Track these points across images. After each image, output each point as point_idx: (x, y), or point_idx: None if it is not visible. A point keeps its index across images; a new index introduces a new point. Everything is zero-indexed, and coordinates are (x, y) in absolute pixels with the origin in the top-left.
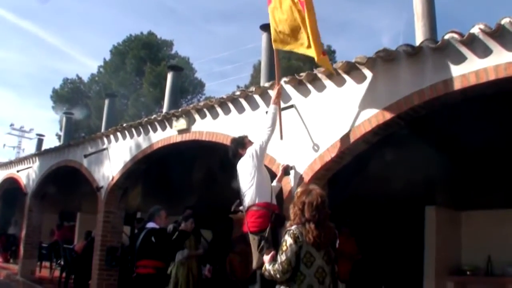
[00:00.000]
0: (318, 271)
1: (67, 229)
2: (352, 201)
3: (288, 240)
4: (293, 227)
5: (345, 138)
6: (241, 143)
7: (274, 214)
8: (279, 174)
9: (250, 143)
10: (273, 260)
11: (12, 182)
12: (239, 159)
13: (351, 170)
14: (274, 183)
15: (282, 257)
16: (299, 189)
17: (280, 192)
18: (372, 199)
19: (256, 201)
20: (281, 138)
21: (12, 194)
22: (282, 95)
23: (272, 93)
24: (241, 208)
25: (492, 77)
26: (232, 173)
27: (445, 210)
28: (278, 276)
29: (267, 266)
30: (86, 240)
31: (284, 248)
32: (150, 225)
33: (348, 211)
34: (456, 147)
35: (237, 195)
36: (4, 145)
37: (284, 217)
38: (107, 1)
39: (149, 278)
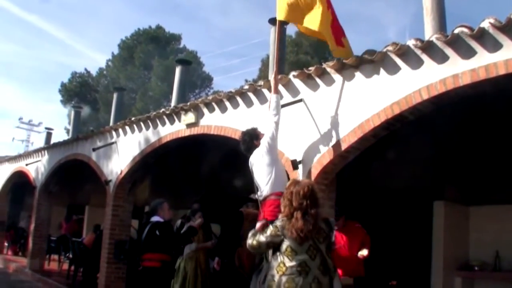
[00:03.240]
0: (301, 265)
1: (75, 222)
2: (364, 191)
3: (269, 230)
4: (278, 221)
5: (354, 132)
6: (255, 135)
7: None
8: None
9: (262, 134)
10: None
11: (21, 176)
12: (253, 151)
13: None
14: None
15: (257, 237)
16: (288, 183)
17: None
18: (380, 193)
19: (275, 191)
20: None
21: (21, 188)
22: (290, 89)
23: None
24: (255, 196)
25: (502, 71)
26: (240, 167)
27: (453, 205)
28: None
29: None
30: (95, 233)
31: (264, 233)
32: (155, 218)
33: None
34: (465, 142)
35: (247, 188)
36: (13, 138)
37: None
38: None
39: (154, 271)
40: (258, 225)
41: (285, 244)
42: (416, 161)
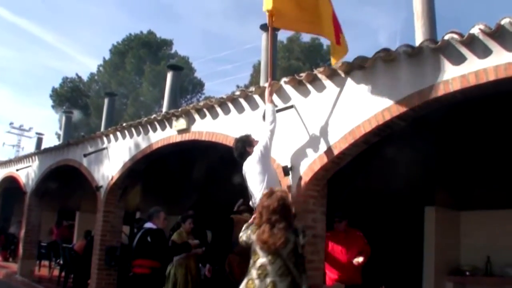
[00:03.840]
0: (260, 268)
1: (66, 228)
2: (355, 196)
3: (247, 231)
4: (250, 228)
5: (345, 138)
6: (248, 142)
7: None
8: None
9: (256, 141)
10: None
11: (11, 181)
12: (246, 158)
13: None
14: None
15: (244, 232)
16: (263, 192)
17: None
18: (371, 199)
19: None
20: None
21: (11, 193)
22: (282, 95)
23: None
24: (250, 203)
25: (492, 77)
26: (232, 173)
27: (444, 210)
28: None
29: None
30: (86, 239)
31: (245, 230)
32: (148, 225)
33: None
34: (456, 147)
35: (238, 194)
36: (4, 143)
37: (295, 214)
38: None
39: (144, 278)
40: (251, 219)
41: (252, 247)
42: (407, 166)
